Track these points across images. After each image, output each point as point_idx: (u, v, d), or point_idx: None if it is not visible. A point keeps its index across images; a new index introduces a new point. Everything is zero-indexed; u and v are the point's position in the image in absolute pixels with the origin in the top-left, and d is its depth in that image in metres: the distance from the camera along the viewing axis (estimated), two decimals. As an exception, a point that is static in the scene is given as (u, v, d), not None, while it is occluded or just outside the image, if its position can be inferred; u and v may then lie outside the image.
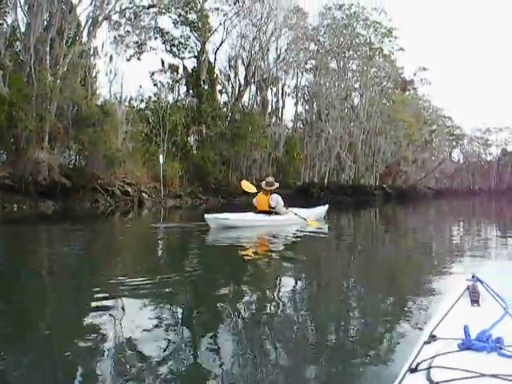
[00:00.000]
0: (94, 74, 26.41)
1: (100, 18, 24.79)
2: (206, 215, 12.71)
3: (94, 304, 5.29)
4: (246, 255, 9.21)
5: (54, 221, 17.98)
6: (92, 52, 25.33)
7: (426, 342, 2.18)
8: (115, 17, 27.72)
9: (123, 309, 5.00)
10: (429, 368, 1.87)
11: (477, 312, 2.50)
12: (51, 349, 3.96)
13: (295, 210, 14.28)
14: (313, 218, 14.79)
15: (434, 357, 1.94)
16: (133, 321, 4.55)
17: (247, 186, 15.44)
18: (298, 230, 12.55)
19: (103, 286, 6.04)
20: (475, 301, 2.61)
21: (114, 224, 17.93)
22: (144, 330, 4.25)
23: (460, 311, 2.50)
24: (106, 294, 5.62)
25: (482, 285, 2.81)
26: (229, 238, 11.36)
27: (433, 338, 2.20)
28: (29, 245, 10.53)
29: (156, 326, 4.40)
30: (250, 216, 13.61)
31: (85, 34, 25.30)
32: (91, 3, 24.35)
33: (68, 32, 23.60)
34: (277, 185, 14.00)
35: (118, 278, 6.57)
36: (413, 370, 1.92)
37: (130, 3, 27.30)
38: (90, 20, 24.78)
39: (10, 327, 4.44)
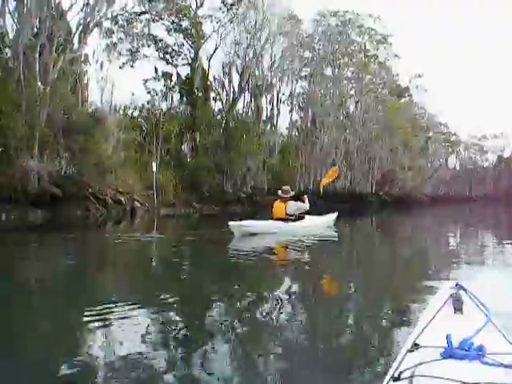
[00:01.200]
0: (85, 82, 26.05)
1: (91, 25, 24.41)
2: (230, 223, 13.37)
3: (87, 317, 5.09)
4: (260, 261, 9.61)
5: (43, 231, 17.51)
6: (83, 59, 24.91)
7: (409, 351, 2.19)
8: (107, 24, 27.54)
9: (117, 323, 4.85)
10: (411, 377, 1.89)
11: (460, 320, 2.53)
12: (37, 366, 3.84)
13: (309, 217, 14.99)
14: (324, 224, 15.82)
15: (416, 365, 1.96)
16: (126, 336, 4.43)
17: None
18: (311, 237, 13.22)
19: (99, 298, 6.01)
20: (458, 309, 2.64)
21: (104, 234, 17.43)
22: (139, 344, 4.17)
23: (443, 319, 2.52)
24: (100, 307, 5.44)
25: (465, 293, 2.82)
26: (248, 244, 12.01)
27: (416, 346, 2.21)
28: (14, 256, 10.21)
29: (152, 339, 4.37)
30: (269, 223, 14.20)
31: (76, 40, 24.96)
32: (82, 9, 23.98)
33: (58, 38, 23.16)
34: (292, 193, 14.75)
35: (110, 292, 6.53)
36: (395, 379, 1.92)
37: (122, 10, 26.87)
38: (81, 26, 24.40)
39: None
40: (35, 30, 22.83)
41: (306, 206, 14.87)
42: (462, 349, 2.03)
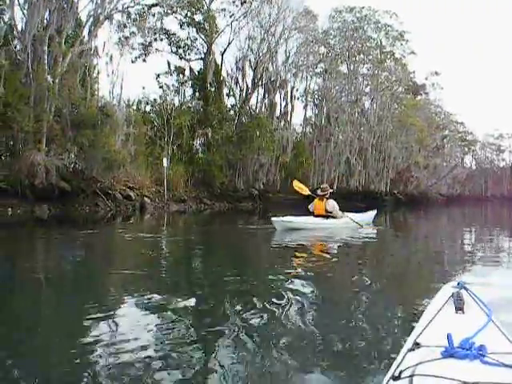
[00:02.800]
0: (94, 75, 25.66)
1: (101, 17, 24.02)
2: (272, 218, 14.09)
3: (94, 315, 4.93)
4: (295, 256, 9.78)
5: (48, 226, 17.24)
6: (93, 52, 24.51)
7: (409, 350, 2.19)
8: (118, 16, 27.11)
9: (125, 322, 4.76)
10: (411, 376, 1.90)
11: (461, 319, 2.54)
12: (44, 361, 3.78)
13: (350, 214, 15.47)
14: (364, 222, 15.98)
15: (417, 364, 1.97)
16: (133, 335, 4.25)
17: (299, 187, 16.72)
18: (350, 234, 13.42)
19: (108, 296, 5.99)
20: (460, 308, 2.64)
21: (112, 230, 17.13)
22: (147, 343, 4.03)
23: (444, 318, 2.54)
24: (108, 306, 5.38)
25: (467, 292, 2.84)
26: (291, 238, 12.46)
27: (416, 345, 2.21)
28: (19, 251, 10.02)
29: (161, 335, 4.30)
30: (310, 219, 14.83)
31: (85, 33, 24.58)
32: (92, 1, 23.61)
33: (68, 31, 22.82)
34: (331, 190, 15.35)
35: (119, 288, 6.47)
36: (396, 378, 1.94)
37: (132, 2, 26.41)
38: (91, 19, 24.04)
39: (2, 338, 4.24)
40: (45, 22, 22.47)
41: (342, 214, 15.19)
42: (462, 348, 2.04)
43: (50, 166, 20.82)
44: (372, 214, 17.37)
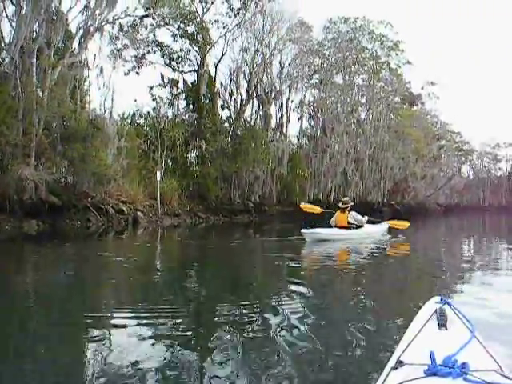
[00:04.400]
0: (85, 88, 25.22)
1: (91, 29, 23.62)
2: (303, 230, 14.98)
3: (84, 334, 5.00)
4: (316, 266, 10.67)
5: (36, 242, 16.94)
6: (83, 64, 24.06)
7: (393, 368, 2.18)
8: (109, 28, 26.71)
9: (116, 342, 4.67)
10: None
11: (444, 336, 2.52)
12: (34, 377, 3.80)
13: (367, 225, 16.79)
14: (380, 233, 17.44)
15: (400, 383, 1.97)
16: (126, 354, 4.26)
17: (309, 207, 18.55)
18: (369, 245, 14.61)
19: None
20: (443, 324, 2.62)
21: (104, 245, 16.93)
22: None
23: (427, 335, 2.52)
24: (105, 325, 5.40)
25: (450, 308, 2.82)
26: (320, 249, 13.57)
27: (400, 363, 2.20)
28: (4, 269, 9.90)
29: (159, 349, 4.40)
30: (334, 231, 15.89)
31: (76, 45, 24.13)
32: (82, 13, 23.22)
33: (57, 43, 22.39)
34: (352, 203, 16.86)
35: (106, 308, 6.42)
36: None
37: (123, 13, 26.00)
38: (81, 30, 23.63)
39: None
40: (34, 34, 22.06)
41: (364, 219, 16.66)
42: (445, 366, 2.03)
43: (39, 181, 20.29)
44: (386, 226, 18.39)
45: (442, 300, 2.93)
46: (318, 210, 18.09)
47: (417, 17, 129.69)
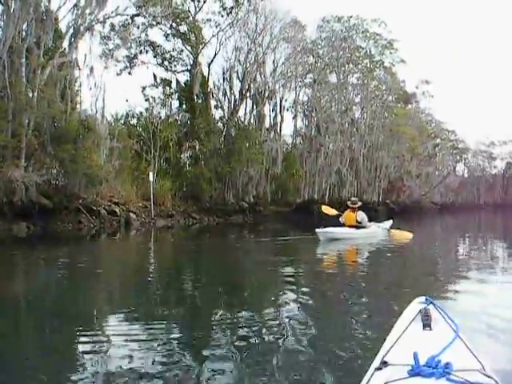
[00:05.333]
0: (76, 88, 24.85)
1: (82, 28, 23.29)
2: (317, 229, 15.77)
3: (78, 338, 4.97)
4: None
5: (26, 245, 16.75)
6: (73, 64, 23.72)
7: (377, 369, 2.19)
8: (100, 28, 26.35)
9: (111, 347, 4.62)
10: None
11: (428, 336, 2.52)
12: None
13: (373, 223, 17.95)
14: (385, 229, 18.17)
15: None
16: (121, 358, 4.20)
17: (328, 210, 19.36)
18: (374, 243, 15.47)
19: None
20: (427, 324, 2.62)
21: (96, 247, 16.90)
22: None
23: (412, 335, 2.52)
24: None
25: (434, 307, 2.82)
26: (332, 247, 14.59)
27: (384, 364, 2.21)
28: None
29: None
30: (344, 229, 16.62)
31: (66, 45, 23.82)
32: (71, 12, 22.90)
33: (47, 42, 22.07)
34: (360, 203, 17.75)
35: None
36: None
37: (113, 13, 25.64)
38: (71, 30, 23.32)
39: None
40: (23, 33, 21.73)
41: (369, 223, 17.53)
42: (429, 366, 2.04)
43: (29, 183, 19.99)
44: (389, 222, 19.58)
45: (426, 300, 2.93)
46: (334, 212, 18.75)
47: (410, 15, 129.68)
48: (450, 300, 6.73)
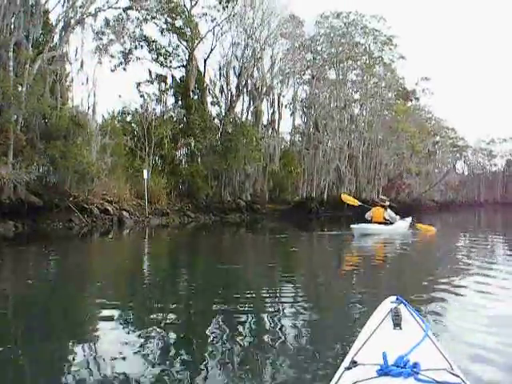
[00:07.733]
0: (67, 83, 24.23)
1: (72, 22, 22.66)
2: (352, 225, 17.11)
3: (68, 341, 4.86)
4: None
5: (12, 244, 16.29)
6: (63, 58, 23.09)
7: (346, 368, 2.21)
8: (92, 21, 25.65)
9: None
10: None
11: (398, 336, 2.53)
12: None
13: (399, 220, 18.94)
14: (408, 226, 19.70)
15: (353, 383, 2.01)
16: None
17: (349, 199, 20.93)
18: (400, 239, 16.68)
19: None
20: (397, 324, 2.64)
21: (87, 247, 16.55)
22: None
23: (382, 335, 2.54)
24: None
25: (405, 307, 2.84)
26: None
27: (353, 363, 2.23)
28: None
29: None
30: (375, 226, 17.72)
31: (56, 38, 23.18)
32: (62, 4, 22.26)
33: (36, 36, 21.44)
34: (388, 202, 18.98)
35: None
36: None
37: (104, 5, 24.92)
38: (61, 23, 22.69)
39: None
40: (12, 26, 21.09)
41: (398, 217, 18.77)
42: (397, 366, 2.06)
43: (18, 180, 19.37)
44: (410, 219, 20.58)
45: (397, 299, 2.94)
46: (356, 202, 20.10)
47: (410, 11, 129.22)
48: (426, 299, 6.68)
